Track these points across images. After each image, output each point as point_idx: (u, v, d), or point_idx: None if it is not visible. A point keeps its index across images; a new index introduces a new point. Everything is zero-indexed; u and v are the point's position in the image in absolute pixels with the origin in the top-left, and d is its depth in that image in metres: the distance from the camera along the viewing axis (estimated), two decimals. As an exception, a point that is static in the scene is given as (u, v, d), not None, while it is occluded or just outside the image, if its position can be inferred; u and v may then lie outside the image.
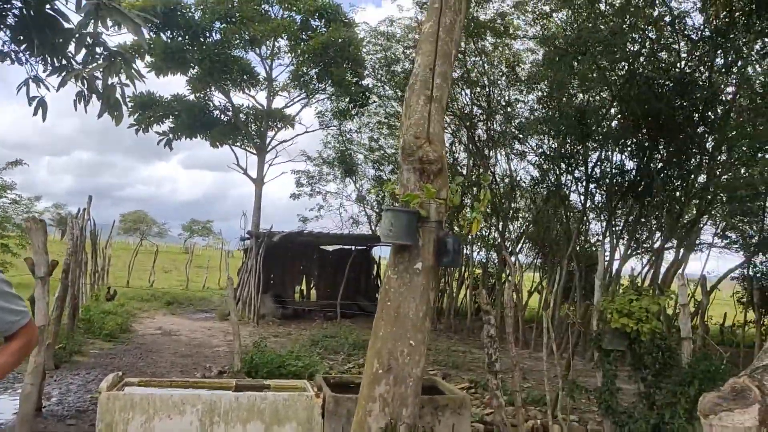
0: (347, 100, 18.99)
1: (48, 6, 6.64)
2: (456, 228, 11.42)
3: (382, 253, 22.14)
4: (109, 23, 5.87)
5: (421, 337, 4.50)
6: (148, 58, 15.71)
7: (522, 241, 19.03)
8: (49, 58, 6.93)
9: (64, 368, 8.63)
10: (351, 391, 5.39)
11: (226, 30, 16.83)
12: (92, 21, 5.81)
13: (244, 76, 17.82)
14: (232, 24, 16.92)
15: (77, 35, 6.14)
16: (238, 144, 18.83)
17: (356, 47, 17.71)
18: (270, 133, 19.04)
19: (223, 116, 18.05)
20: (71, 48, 6.33)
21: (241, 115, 18.44)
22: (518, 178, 18.37)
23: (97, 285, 16.53)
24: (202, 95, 17.78)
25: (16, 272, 13.62)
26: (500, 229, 17.23)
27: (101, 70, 6.26)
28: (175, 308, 17.70)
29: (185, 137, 17.45)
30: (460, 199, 4.97)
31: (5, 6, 6.91)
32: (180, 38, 16.54)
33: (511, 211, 17.86)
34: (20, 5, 6.77)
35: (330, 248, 20.63)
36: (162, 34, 16.30)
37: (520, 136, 16.65)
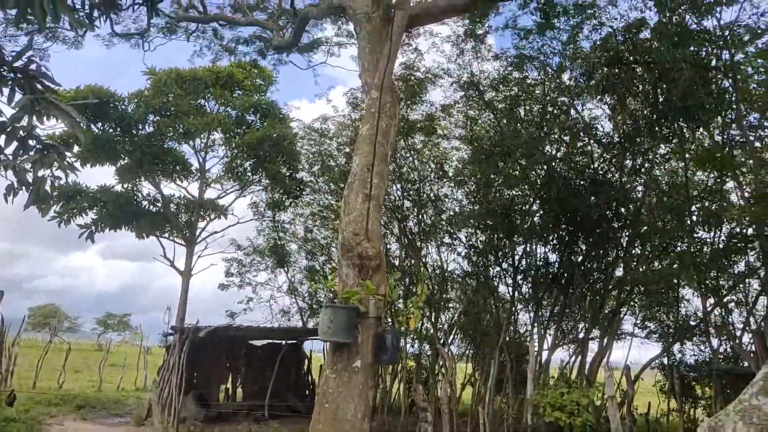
0: (281, 192, 19.14)
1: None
2: (392, 321, 11.37)
3: (313, 347, 21.58)
4: (45, 117, 5.79)
5: (360, 441, 4.38)
6: (76, 149, 15.37)
7: (454, 332, 19.14)
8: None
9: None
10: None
11: (160, 123, 16.86)
12: (27, 115, 5.71)
13: (177, 167, 17.70)
14: (166, 117, 16.99)
15: (9, 129, 5.99)
16: (166, 235, 18.32)
17: (291, 142, 18.12)
18: (201, 224, 18.72)
19: (151, 207, 17.64)
20: (1, 141, 6.14)
21: (171, 205, 18.11)
22: (449, 269, 18.78)
23: (0, 388, 15.01)
24: (130, 186, 17.42)
25: None
26: (432, 320, 17.32)
27: (32, 162, 6.07)
28: (86, 412, 16.22)
29: (109, 229, 16.83)
30: (398, 294, 5.05)
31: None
32: (111, 130, 16.39)
33: (442, 302, 18.07)
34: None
35: (259, 343, 19.89)
36: (93, 126, 16.11)
37: (450, 229, 17.23)
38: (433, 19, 11.00)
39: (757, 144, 11.26)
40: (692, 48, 10.29)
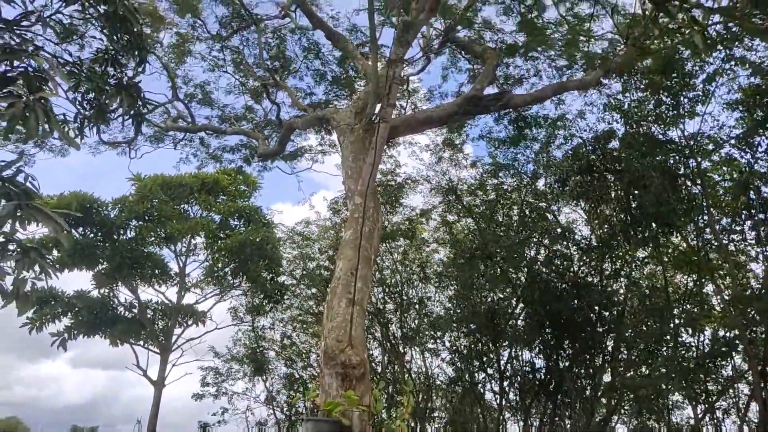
0: (262, 296, 18.87)
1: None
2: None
3: (291, 462, 20.33)
4: (27, 223, 5.78)
5: None
6: (55, 253, 15.17)
7: (440, 445, 18.26)
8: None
9: None
10: None
11: (142, 228, 16.84)
12: (9, 221, 5.70)
13: (156, 272, 17.45)
14: (149, 222, 17.02)
15: (-11, 235, 5.95)
16: (141, 342, 17.68)
17: (273, 246, 18.14)
18: (177, 331, 18.16)
19: (127, 313, 17.16)
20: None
21: (148, 311, 17.66)
22: (434, 375, 18.26)
23: None
24: (106, 291, 17.04)
25: None
26: None
27: (15, 262, 5.98)
28: None
29: (83, 335, 16.23)
30: (383, 405, 4.85)
31: None
32: (92, 234, 16.30)
33: (428, 412, 17.38)
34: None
35: (233, 459, 18.70)
36: (73, 231, 16.03)
37: (434, 333, 16.97)
38: (412, 131, 11.53)
39: (731, 247, 11.57)
40: (660, 157, 10.84)
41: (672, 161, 11.35)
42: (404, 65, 10.55)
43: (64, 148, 14.62)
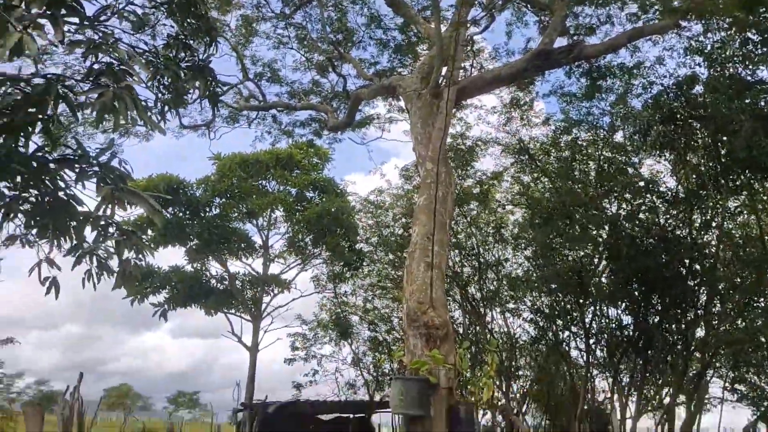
0: (341, 264, 19.43)
1: (62, 192, 7.09)
2: (463, 392, 11.08)
3: (381, 420, 21.10)
4: (124, 205, 6.26)
5: None
6: (150, 232, 16.28)
7: (527, 402, 18.33)
8: (57, 240, 7.23)
9: None
10: None
11: (225, 205, 17.73)
12: (108, 204, 6.20)
13: (242, 246, 18.36)
14: (231, 199, 17.87)
15: (92, 218, 6.49)
16: (233, 311, 18.81)
17: (349, 215, 18.56)
18: (265, 299, 19.13)
19: (219, 285, 18.25)
20: (86, 230, 6.64)
21: (237, 282, 18.66)
22: (516, 335, 18.23)
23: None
24: (199, 265, 18.15)
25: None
26: (504, 389, 16.69)
27: (114, 247, 6.53)
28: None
29: (180, 307, 17.46)
30: (468, 364, 4.97)
31: (23, 195, 7.35)
32: (181, 213, 17.33)
33: (513, 370, 17.45)
34: (36, 192, 7.20)
35: (327, 417, 19.63)
36: (164, 211, 17.12)
37: (514, 294, 16.87)
38: (479, 91, 11.31)
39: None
40: (749, 99, 10.07)
41: (762, 103, 10.52)
42: (468, 25, 10.33)
43: (149, 133, 15.50)
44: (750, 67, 10.44)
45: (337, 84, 15.43)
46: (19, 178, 5.79)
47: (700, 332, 13.57)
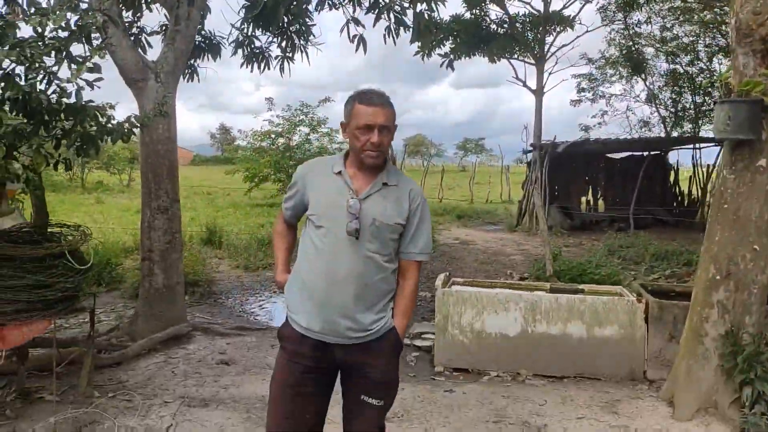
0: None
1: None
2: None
3: (679, 158, 20.00)
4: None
5: (766, 242, 4.06)
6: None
7: None
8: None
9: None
10: (672, 299, 5.20)
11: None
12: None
13: (519, -17, 17.26)
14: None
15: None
16: (516, 56, 18.56)
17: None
18: (548, 39, 18.24)
19: (499, 29, 17.89)
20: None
21: (517, 24, 18.01)
22: None
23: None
24: (478, 11, 17.83)
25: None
26: None
27: (408, 1, 6.82)
28: (465, 221, 18.95)
29: (465, 56, 17.86)
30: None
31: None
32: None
33: None
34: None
35: (617, 156, 19.38)
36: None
37: None
38: None
39: None
40: None
41: None
42: None
43: None
44: None
45: None
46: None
47: None
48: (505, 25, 17.79)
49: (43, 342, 4.45)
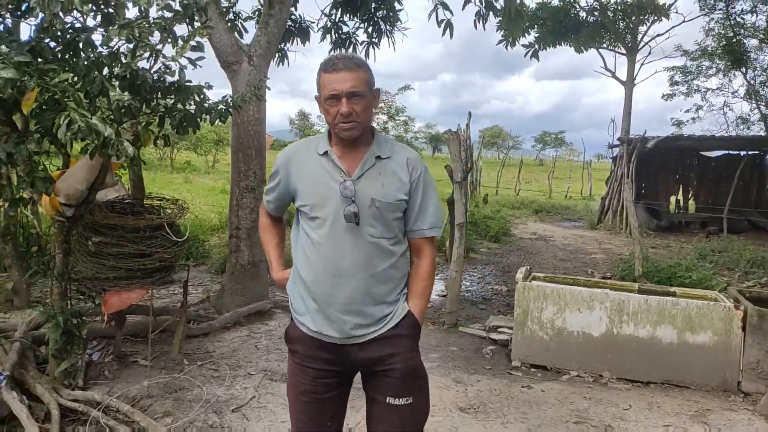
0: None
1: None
2: None
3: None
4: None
5: None
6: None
7: None
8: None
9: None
10: (774, 308, 4.82)
11: None
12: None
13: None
14: None
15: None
16: (605, 45, 17.76)
17: None
18: (641, 29, 17.34)
19: (589, 17, 17.17)
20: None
21: (608, 12, 17.21)
22: None
23: (473, 194, 18.35)
24: (567, -2, 17.20)
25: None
26: None
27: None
28: (543, 216, 18.45)
29: (550, 46, 17.30)
30: None
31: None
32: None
33: None
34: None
35: (712, 154, 18.19)
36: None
37: None
38: None
39: None
40: None
41: None
42: None
43: None
44: None
45: None
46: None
47: None
48: (596, 13, 17.06)
49: (138, 309, 4.71)
